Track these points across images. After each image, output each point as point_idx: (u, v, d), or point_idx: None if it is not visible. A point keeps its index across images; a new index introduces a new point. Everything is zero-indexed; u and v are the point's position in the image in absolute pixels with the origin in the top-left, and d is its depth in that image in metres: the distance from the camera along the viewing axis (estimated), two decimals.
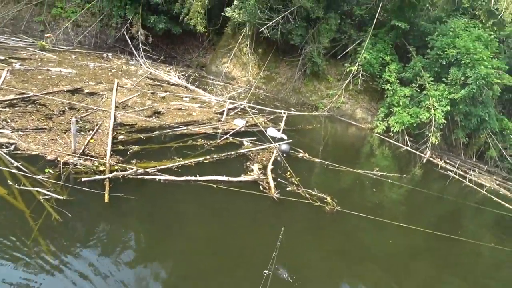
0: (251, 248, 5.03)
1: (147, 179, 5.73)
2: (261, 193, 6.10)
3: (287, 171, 7.42)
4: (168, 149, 7.08)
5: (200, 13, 17.39)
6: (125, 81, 12.11)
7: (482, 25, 16.06)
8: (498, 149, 17.33)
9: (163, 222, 5.07)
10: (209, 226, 5.24)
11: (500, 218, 10.82)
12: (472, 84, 14.11)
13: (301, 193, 6.52)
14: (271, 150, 8.44)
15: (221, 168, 6.58)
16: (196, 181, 5.91)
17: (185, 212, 5.37)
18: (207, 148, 7.57)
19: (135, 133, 7.52)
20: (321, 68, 17.75)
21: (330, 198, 6.66)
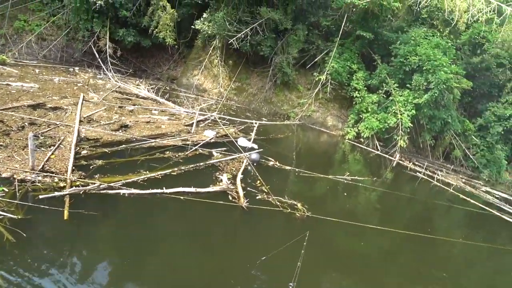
0: (223, 261, 4.91)
1: (111, 194, 5.52)
2: (230, 203, 6.02)
3: (257, 180, 7.38)
4: (134, 163, 6.88)
5: (169, 25, 17.36)
6: (92, 95, 11.78)
7: (440, 34, 16.99)
8: (462, 149, 18.16)
9: (127, 237, 4.85)
10: (176, 239, 5.07)
11: (467, 214, 11.28)
12: (434, 88, 14.79)
13: (271, 201, 6.48)
14: (241, 160, 8.40)
15: (189, 180, 6.46)
16: (162, 194, 5.75)
17: (151, 226, 5.17)
18: (175, 160, 7.42)
19: (99, 147, 7.27)
20: (291, 78, 18.05)
21: (300, 205, 6.66)
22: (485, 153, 17.88)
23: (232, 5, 16.61)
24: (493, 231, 10.76)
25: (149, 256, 4.62)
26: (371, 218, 8.18)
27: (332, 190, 9.07)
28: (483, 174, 17.74)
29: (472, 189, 14.68)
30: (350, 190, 9.37)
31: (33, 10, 17.15)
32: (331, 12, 18.08)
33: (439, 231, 8.99)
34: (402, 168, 15.06)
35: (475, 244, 8.50)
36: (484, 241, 9.03)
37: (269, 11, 16.53)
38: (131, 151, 7.48)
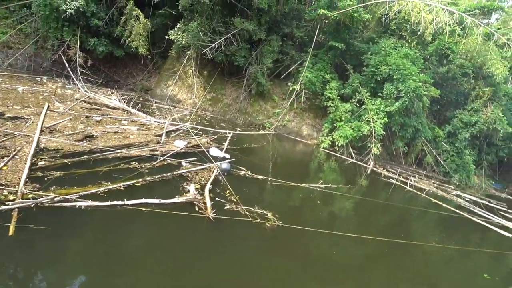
0: (187, 275, 4.64)
1: (66, 207, 5.16)
2: (196, 214, 5.77)
3: (227, 190, 7.18)
4: (96, 174, 6.51)
5: (142, 35, 17.13)
6: (58, 105, 11.29)
7: (408, 45, 17.62)
8: (433, 155, 18.70)
9: (79, 253, 4.50)
10: (135, 253, 4.75)
11: (440, 218, 11.48)
12: (404, 96, 15.22)
13: (240, 211, 6.28)
14: (212, 170, 8.18)
15: (154, 191, 6.17)
16: (123, 206, 5.43)
17: (107, 240, 4.84)
18: (141, 171, 7.12)
19: (59, 158, 6.86)
20: (266, 88, 18.11)
21: (271, 214, 6.49)
22: (455, 159, 18.49)
23: (206, 16, 16.59)
24: (465, 233, 10.98)
25: (103, 273, 4.29)
26: (346, 226, 8.13)
27: (305, 199, 8.96)
28: (454, 178, 18.31)
29: (444, 193, 15.03)
30: (324, 199, 9.30)
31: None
32: (304, 24, 18.43)
33: (414, 236, 9.06)
34: (376, 175, 15.26)
35: (449, 247, 8.62)
36: (458, 244, 9.20)
37: (243, 22, 16.63)
38: (94, 162, 7.10)
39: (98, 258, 4.45)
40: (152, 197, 5.82)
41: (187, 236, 5.12)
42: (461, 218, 11.98)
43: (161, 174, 7.03)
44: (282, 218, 6.53)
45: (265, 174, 9.37)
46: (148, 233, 5.27)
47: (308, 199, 8.97)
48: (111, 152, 7.77)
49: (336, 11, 16.25)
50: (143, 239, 5.11)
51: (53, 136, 8.09)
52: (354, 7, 15.21)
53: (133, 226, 5.30)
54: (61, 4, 14.87)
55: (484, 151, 19.58)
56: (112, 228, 5.15)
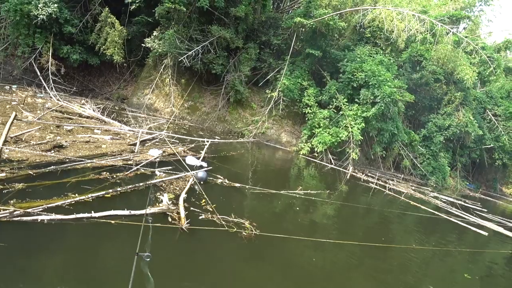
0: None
1: (26, 221, 4.81)
2: (168, 225, 5.54)
3: (202, 199, 6.97)
4: (63, 186, 6.15)
5: (117, 43, 16.81)
6: (26, 114, 10.78)
7: (382, 52, 18.07)
8: (410, 159, 19.11)
9: (38, 272, 4.17)
10: (101, 270, 4.47)
11: (419, 219, 11.63)
12: (380, 102, 15.52)
13: (216, 220, 6.08)
14: (187, 179, 7.96)
15: (125, 202, 5.88)
16: (90, 218, 5.13)
17: (70, 257, 4.52)
18: (112, 181, 6.80)
19: (23, 169, 6.47)
20: (244, 96, 18.09)
21: (248, 223, 6.31)
22: (431, 161, 18.98)
23: (183, 23, 16.48)
24: (444, 234, 11.14)
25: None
26: (326, 232, 8.03)
27: (284, 206, 8.83)
28: (431, 181, 18.77)
29: (421, 195, 15.31)
30: (303, 205, 9.20)
31: None
32: (282, 32, 18.62)
33: (394, 239, 9.07)
34: (356, 180, 15.38)
35: (429, 248, 8.68)
36: (437, 245, 9.31)
37: (220, 30, 16.61)
38: (61, 173, 6.73)
39: (58, 276, 4.14)
40: (122, 209, 5.54)
41: (158, 249, 4.86)
42: (439, 219, 12.21)
43: (133, 184, 6.74)
44: (260, 227, 6.36)
45: (244, 182, 9.20)
46: (118, 247, 4.98)
47: (287, 206, 8.85)
48: (80, 162, 7.41)
49: (312, 20, 16.50)
50: (112, 253, 4.82)
51: (17, 146, 7.65)
52: (329, 15, 15.46)
53: (101, 240, 5.00)
54: (32, 9, 14.41)
55: (457, 153, 20.24)
56: (77, 243, 4.83)
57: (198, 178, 8.07)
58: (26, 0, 14.47)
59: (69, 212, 5.22)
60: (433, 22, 14.94)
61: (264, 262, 5.69)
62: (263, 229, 6.27)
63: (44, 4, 14.56)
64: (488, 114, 21.03)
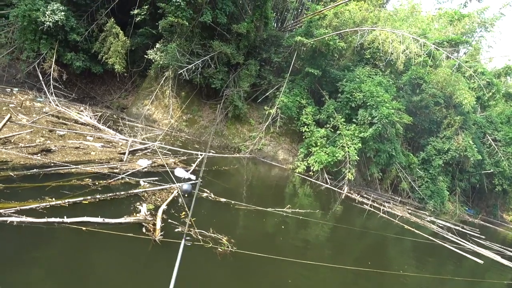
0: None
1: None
2: (141, 235, 5.40)
3: (183, 212, 6.84)
4: (42, 189, 6.09)
5: (120, 52, 17.06)
6: (21, 116, 10.84)
7: (382, 73, 18.13)
8: (408, 182, 18.84)
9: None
10: (60, 275, 4.32)
11: (413, 244, 11.31)
12: (378, 123, 15.44)
13: (193, 234, 5.93)
14: (172, 191, 7.85)
15: (102, 210, 5.77)
16: (61, 224, 5.03)
17: (32, 261, 4.38)
18: (93, 188, 6.72)
19: (4, 170, 6.42)
20: (242, 112, 18.12)
21: (226, 239, 6.13)
22: (429, 185, 18.69)
23: (186, 37, 16.73)
24: (440, 260, 10.83)
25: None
26: (310, 253, 7.80)
27: (269, 224, 8.59)
28: (429, 204, 18.43)
29: (417, 219, 14.99)
30: (290, 224, 8.98)
31: None
32: (282, 50, 18.83)
33: (387, 264, 8.76)
34: (350, 201, 15.13)
35: (425, 276, 8.38)
36: (433, 272, 8.99)
37: (221, 45, 16.84)
38: (43, 177, 6.67)
39: (14, 280, 4.00)
40: (97, 216, 5.44)
41: (126, 259, 4.73)
42: (434, 244, 11.88)
43: (113, 193, 6.65)
44: (239, 244, 6.19)
45: (233, 197, 9.01)
46: (83, 254, 4.84)
47: (273, 225, 8.62)
48: (65, 167, 7.36)
49: (312, 39, 16.69)
50: (75, 260, 4.68)
51: (5, 147, 7.65)
52: (329, 35, 15.63)
53: (68, 246, 4.88)
54: (39, 16, 14.75)
55: (457, 178, 19.94)
56: (42, 248, 4.70)
57: (182, 190, 7.97)
58: (35, 7, 14.83)
59: (42, 215, 5.13)
60: (433, 46, 15.02)
61: (234, 280, 5.49)
62: (242, 247, 6.09)
63: (51, 11, 14.91)
64: (488, 139, 20.83)
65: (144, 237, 5.40)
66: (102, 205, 6.16)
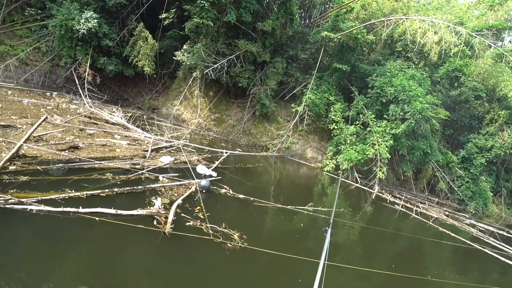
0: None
1: (17, 209, 5.02)
2: (151, 227, 5.47)
3: (197, 207, 6.87)
4: (64, 182, 6.41)
5: (149, 55, 17.66)
6: (56, 117, 11.58)
7: (415, 66, 17.15)
8: (447, 182, 17.65)
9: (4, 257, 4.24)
10: (66, 262, 4.44)
11: (449, 249, 10.53)
12: (410, 118, 14.62)
13: (204, 229, 5.92)
14: (189, 187, 7.93)
15: (117, 202, 5.95)
16: (76, 213, 5.24)
17: (43, 247, 4.57)
18: (113, 182, 6.96)
19: (33, 164, 6.85)
20: (270, 110, 18.00)
21: (238, 235, 6.05)
22: (470, 185, 17.40)
23: (211, 37, 16.94)
24: (483, 268, 9.93)
25: (20, 281, 3.99)
26: (329, 253, 7.44)
27: (287, 222, 8.31)
28: (469, 206, 17.15)
29: (454, 222, 13.97)
30: (309, 223, 8.65)
31: (20, 36, 17.52)
32: (309, 46, 18.45)
33: (421, 269, 8.16)
34: (381, 201, 14.44)
35: (467, 285, 7.65)
36: (477, 281, 8.17)
37: (247, 44, 16.86)
38: (67, 171, 7.03)
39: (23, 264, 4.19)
40: (115, 208, 5.61)
41: (133, 249, 4.82)
42: (474, 250, 10.92)
43: (131, 187, 6.84)
44: (251, 240, 6.08)
45: (255, 195, 8.84)
46: (93, 242, 5.00)
47: (291, 223, 8.37)
48: (88, 163, 7.70)
49: (339, 33, 16.19)
50: (84, 247, 4.84)
51: (36, 144, 8.16)
52: (356, 28, 15.02)
53: (79, 234, 5.06)
54: (75, 24, 15.70)
55: (502, 178, 18.35)
56: (55, 235, 4.91)
57: (200, 186, 8.02)
58: (71, 16, 15.82)
59: (60, 205, 5.38)
60: (470, 33, 13.89)
61: (239, 276, 5.34)
62: (253, 244, 5.97)
63: (85, 19, 15.81)
64: None
65: (154, 229, 5.48)
66: (118, 198, 6.35)
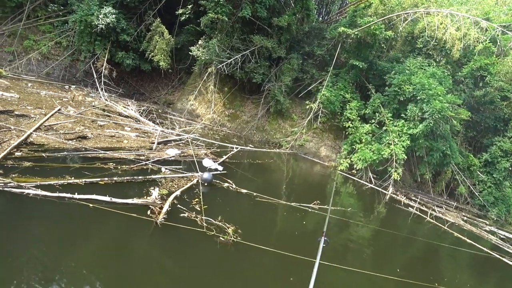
0: (93, 273, 4.26)
1: (15, 193, 5.16)
2: (144, 217, 5.46)
3: (195, 199, 6.83)
4: (67, 169, 6.55)
5: (165, 50, 17.84)
6: (70, 108, 11.90)
7: (436, 64, 16.43)
8: (467, 186, 16.85)
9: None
10: (51, 246, 4.49)
11: (464, 256, 10.01)
12: (429, 118, 14.03)
13: (198, 221, 5.86)
14: (192, 179, 7.91)
15: (114, 191, 5.97)
16: (71, 199, 5.33)
17: (31, 229, 4.66)
18: (114, 171, 7.04)
19: (39, 152, 7.04)
20: (284, 107, 17.79)
21: (233, 229, 5.95)
22: (493, 190, 16.52)
23: (226, 33, 16.90)
24: (503, 279, 9.38)
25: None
26: (329, 253, 7.10)
27: (288, 219, 8.04)
28: (491, 213, 16.28)
29: (472, 228, 13.29)
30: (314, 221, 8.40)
31: (43, 31, 18.15)
32: (326, 42, 18.06)
33: (431, 275, 7.78)
34: (395, 203, 13.94)
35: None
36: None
37: (262, 39, 16.70)
38: (71, 159, 7.18)
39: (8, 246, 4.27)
40: (111, 196, 5.66)
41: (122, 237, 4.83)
42: (493, 259, 10.32)
43: (131, 177, 6.89)
44: (246, 235, 5.95)
45: (261, 191, 8.67)
46: (82, 227, 5.05)
47: (292, 220, 8.14)
48: (93, 152, 7.84)
49: (356, 29, 15.73)
50: (72, 232, 4.89)
51: (46, 133, 8.38)
52: (374, 23, 14.50)
53: (70, 219, 5.13)
54: (93, 20, 16.09)
55: None
56: (46, 218, 5.01)
57: (203, 179, 7.99)
58: (90, 12, 16.22)
59: (56, 191, 5.48)
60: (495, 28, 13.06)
61: (225, 271, 5.19)
62: (248, 239, 5.84)
63: (104, 15, 16.16)
64: None
65: (147, 219, 5.47)
66: (117, 187, 6.41)
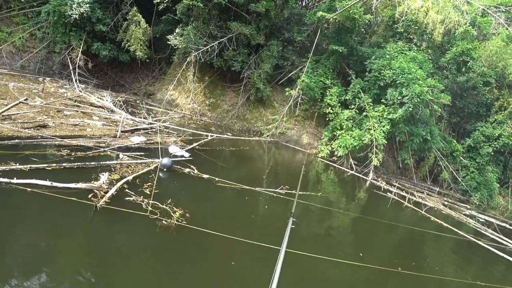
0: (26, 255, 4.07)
1: None
2: (84, 200, 5.24)
3: (148, 183, 6.61)
4: (14, 156, 6.29)
5: (141, 39, 17.44)
6: (38, 99, 11.59)
7: (417, 48, 16.17)
8: (450, 171, 16.74)
9: None
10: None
11: (442, 241, 9.85)
12: (408, 102, 13.83)
13: (144, 205, 5.64)
14: (150, 165, 7.68)
15: (63, 176, 5.73)
16: (9, 184, 5.10)
17: None
18: (66, 158, 6.79)
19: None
20: (265, 94, 17.52)
21: (180, 213, 5.72)
22: (475, 175, 16.43)
23: (203, 20, 16.52)
24: (485, 264, 9.20)
25: None
26: (277, 237, 6.17)
27: (248, 204, 7.70)
28: (474, 197, 16.21)
29: (451, 212, 13.18)
30: (276, 206, 8.11)
31: (17, 23, 17.64)
32: (306, 28, 17.72)
33: (395, 259, 7.60)
34: (375, 189, 13.79)
35: (469, 282, 7.00)
36: (480, 279, 7.31)
37: (239, 26, 16.33)
38: (23, 147, 6.90)
39: None
40: (58, 182, 5.42)
41: (57, 221, 4.63)
42: (466, 241, 10.18)
43: (83, 162, 6.64)
44: (194, 220, 5.71)
45: (227, 178, 8.39)
46: (14, 212, 4.83)
47: (253, 205, 7.80)
48: (48, 140, 7.58)
49: (335, 14, 15.41)
50: (5, 217, 4.68)
51: (1, 123, 8.11)
52: (351, 4, 14.15)
53: (4, 204, 4.90)
54: (67, 10, 15.62)
55: (510, 168, 17.20)
56: None
57: (161, 164, 7.76)
58: (64, 2, 15.74)
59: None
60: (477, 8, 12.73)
61: (161, 254, 4.97)
62: (195, 223, 5.60)
63: (77, 4, 15.68)
64: None
65: (88, 203, 5.25)
66: (66, 173, 6.17)
